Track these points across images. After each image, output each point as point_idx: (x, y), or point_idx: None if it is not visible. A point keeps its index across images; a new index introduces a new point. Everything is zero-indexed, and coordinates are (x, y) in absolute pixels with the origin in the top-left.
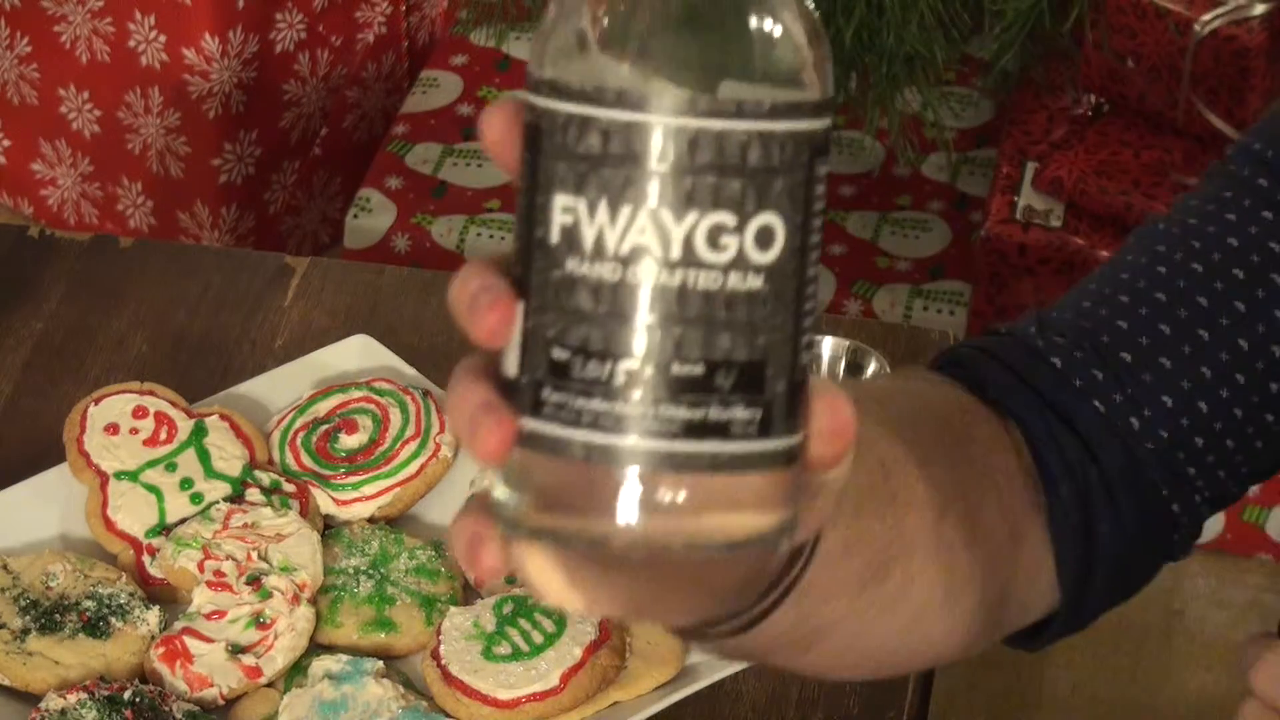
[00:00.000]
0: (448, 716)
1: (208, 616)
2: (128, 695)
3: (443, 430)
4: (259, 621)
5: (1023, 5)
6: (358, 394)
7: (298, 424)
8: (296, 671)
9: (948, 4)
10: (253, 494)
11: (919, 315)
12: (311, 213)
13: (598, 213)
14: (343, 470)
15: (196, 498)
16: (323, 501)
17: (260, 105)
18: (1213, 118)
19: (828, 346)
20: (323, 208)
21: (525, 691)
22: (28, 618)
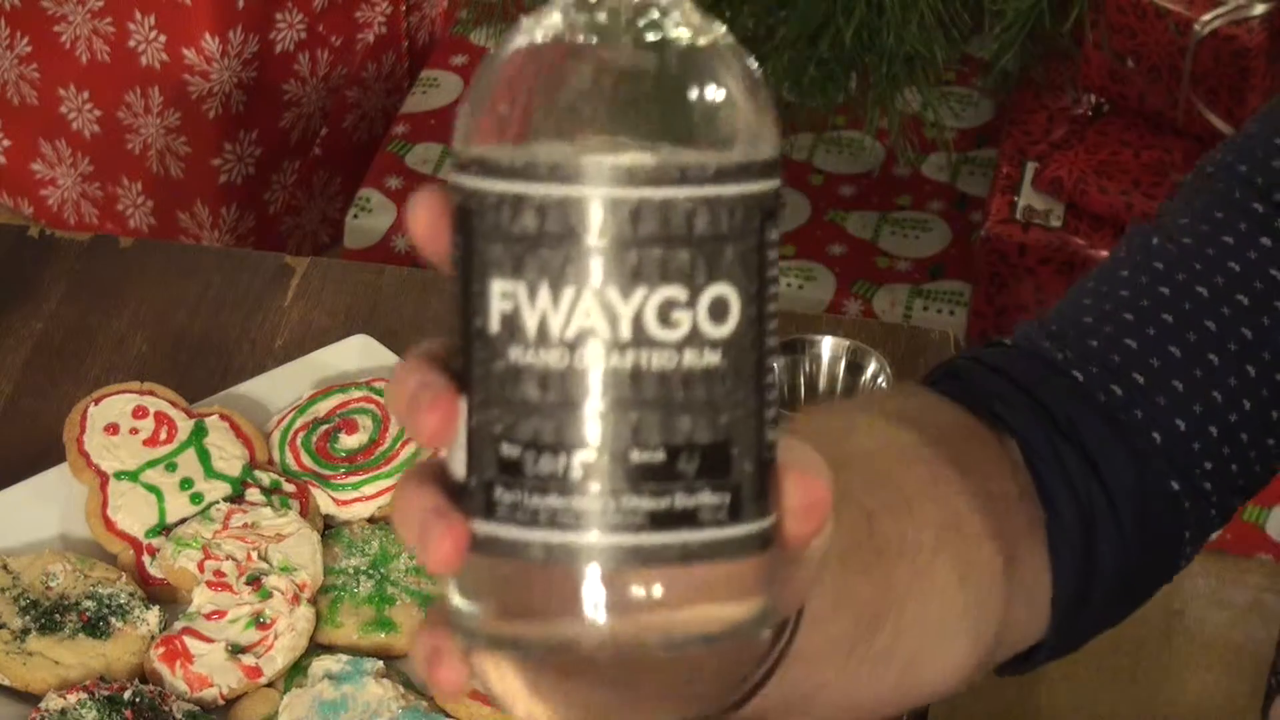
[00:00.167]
0: (448, 716)
1: (208, 616)
2: (128, 695)
3: None
4: (259, 621)
5: (1023, 5)
6: (358, 394)
7: (298, 424)
8: (296, 671)
9: (948, 4)
10: (253, 494)
11: (919, 315)
12: (311, 213)
13: (539, 296)
14: (343, 470)
15: (196, 498)
16: (323, 501)
17: (260, 105)
18: (1213, 118)
19: (828, 346)
20: (323, 208)
21: None
22: (28, 618)
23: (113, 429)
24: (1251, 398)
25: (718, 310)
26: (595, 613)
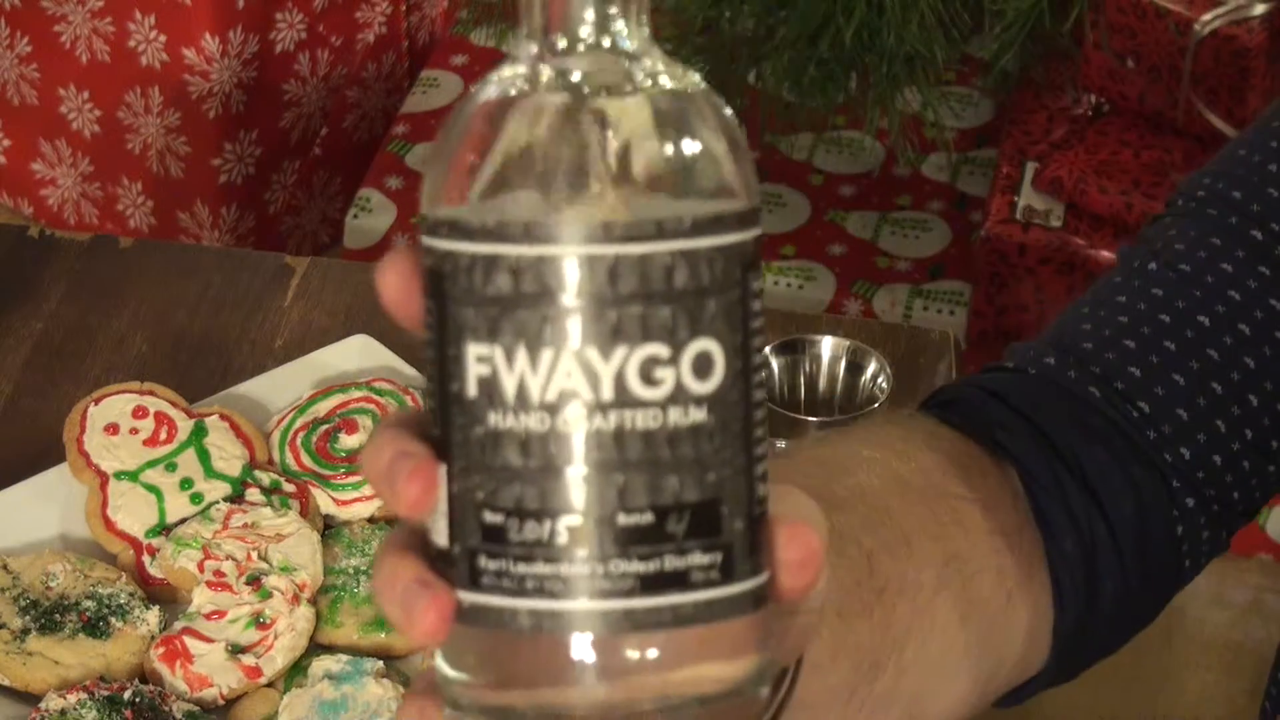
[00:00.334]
0: None
1: (208, 616)
2: (128, 695)
3: None
4: (259, 621)
5: (1023, 5)
6: (358, 394)
7: (298, 424)
8: (296, 671)
9: (948, 4)
10: (253, 494)
11: (919, 315)
12: (311, 213)
13: (516, 359)
14: (343, 470)
15: (196, 498)
16: (323, 501)
17: (260, 105)
18: (1213, 118)
19: (828, 346)
20: (323, 208)
21: None
22: (28, 618)
23: (113, 429)
24: (1254, 427)
25: (702, 366)
26: (587, 680)
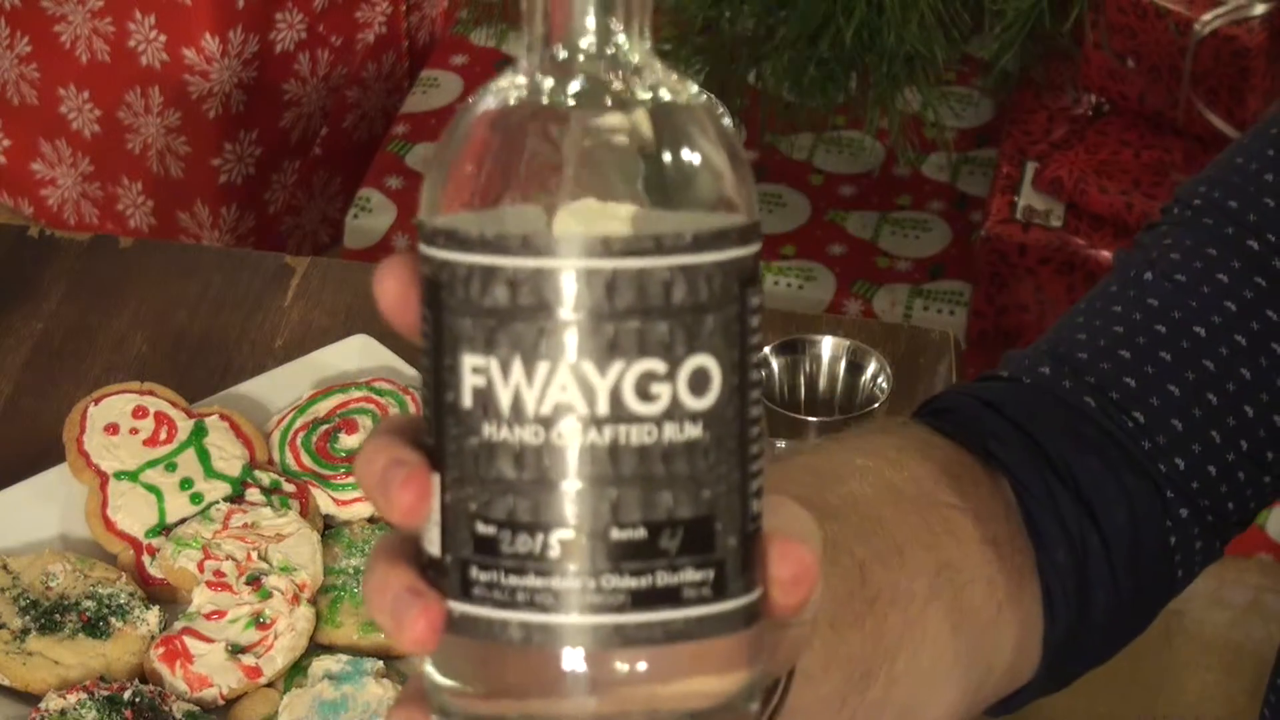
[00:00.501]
0: None
1: (208, 616)
2: (128, 695)
3: None
4: (259, 621)
5: (1023, 5)
6: (358, 394)
7: (298, 424)
8: (296, 671)
9: (948, 4)
10: (253, 494)
11: (919, 315)
12: (311, 213)
13: (512, 371)
14: (343, 470)
15: (196, 498)
16: (323, 501)
17: (260, 105)
18: (1213, 118)
19: (828, 346)
20: (323, 208)
21: None
22: (28, 618)
23: (113, 429)
24: (1249, 438)
25: (698, 382)
26: (577, 693)
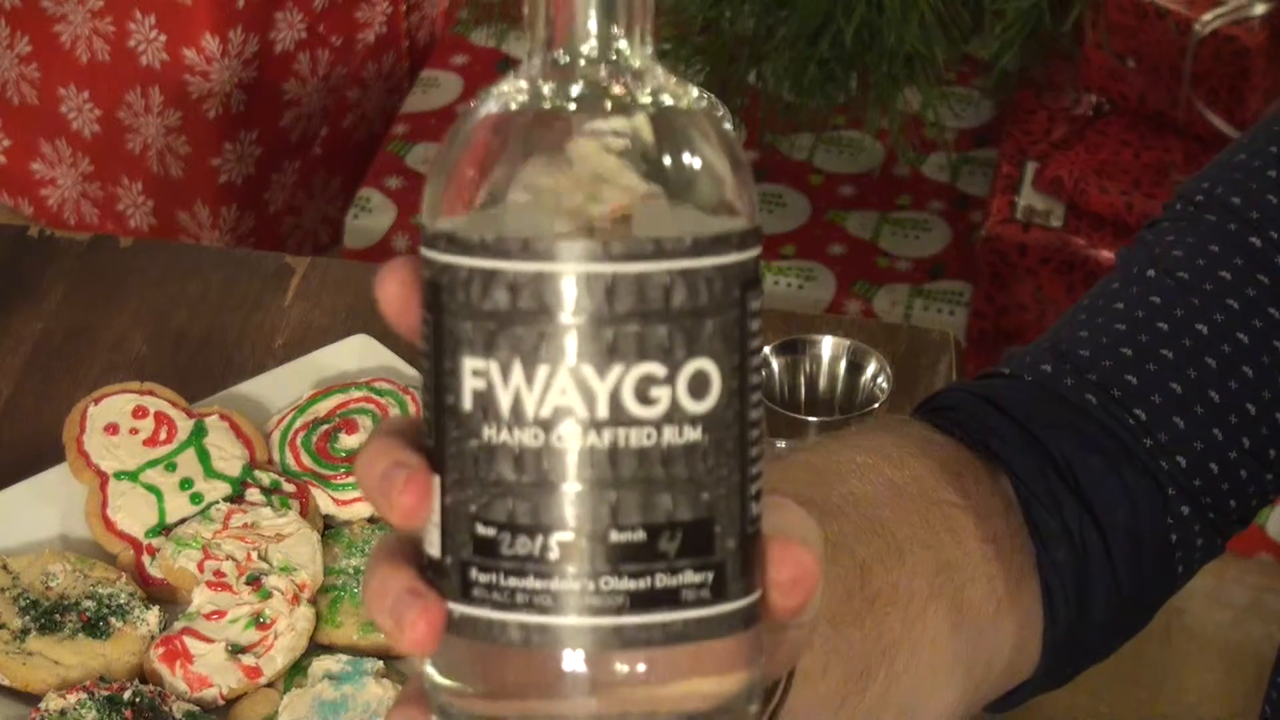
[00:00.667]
0: None
1: (207, 616)
2: (127, 695)
3: None
4: (259, 621)
5: (1023, 5)
6: (358, 394)
7: (298, 424)
8: (296, 671)
9: (948, 4)
10: (253, 494)
11: (919, 315)
12: (311, 213)
13: (512, 375)
14: (343, 470)
15: (196, 498)
16: (323, 501)
17: (260, 105)
18: (1213, 118)
19: (828, 346)
20: (323, 208)
21: None
22: (27, 618)
23: (112, 429)
24: (1252, 435)
25: (698, 386)
26: (576, 694)
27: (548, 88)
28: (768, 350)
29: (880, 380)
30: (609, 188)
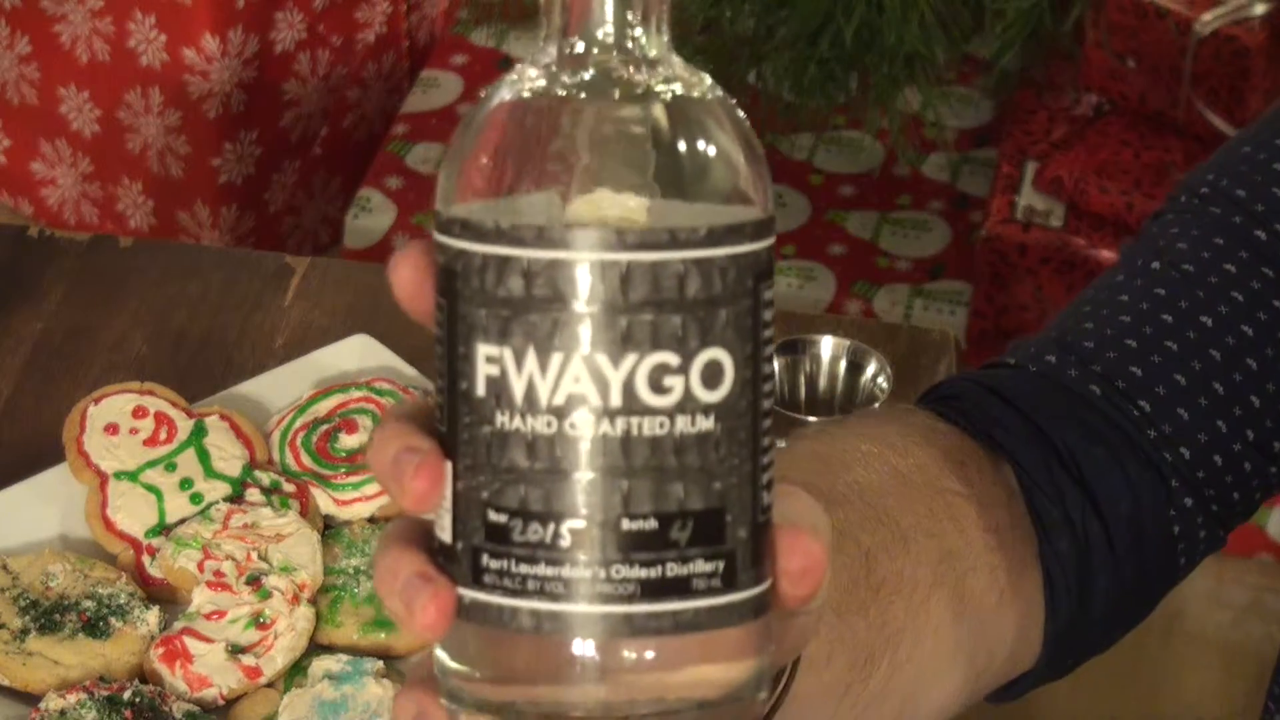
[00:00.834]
0: None
1: (207, 616)
2: (127, 695)
3: None
4: (259, 621)
5: (1023, 5)
6: (358, 394)
7: (298, 424)
8: (296, 671)
9: (948, 4)
10: (252, 494)
11: (919, 315)
12: (311, 213)
13: (525, 362)
14: (343, 470)
15: (196, 498)
16: (323, 501)
17: (260, 105)
18: (1213, 118)
19: (828, 346)
20: (323, 208)
21: None
22: (27, 618)
23: (112, 429)
24: (1256, 428)
25: (711, 375)
26: (586, 681)
27: (563, 75)
28: None
29: (880, 380)
30: (623, 176)
